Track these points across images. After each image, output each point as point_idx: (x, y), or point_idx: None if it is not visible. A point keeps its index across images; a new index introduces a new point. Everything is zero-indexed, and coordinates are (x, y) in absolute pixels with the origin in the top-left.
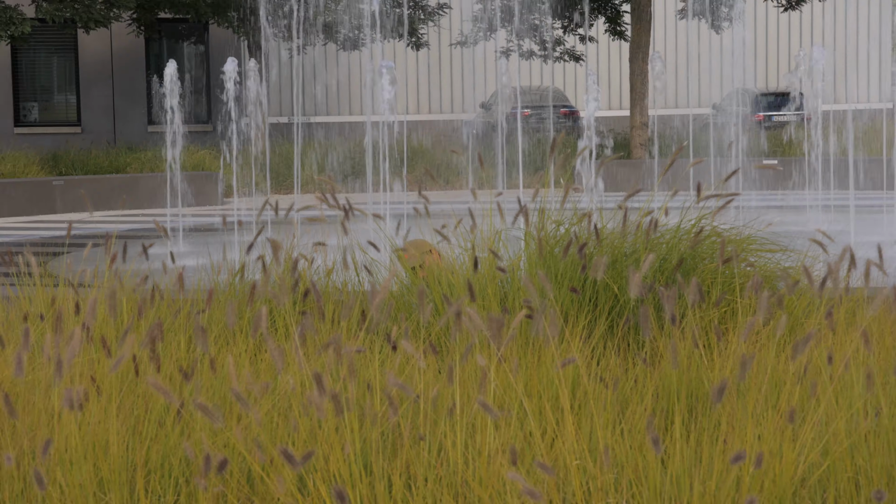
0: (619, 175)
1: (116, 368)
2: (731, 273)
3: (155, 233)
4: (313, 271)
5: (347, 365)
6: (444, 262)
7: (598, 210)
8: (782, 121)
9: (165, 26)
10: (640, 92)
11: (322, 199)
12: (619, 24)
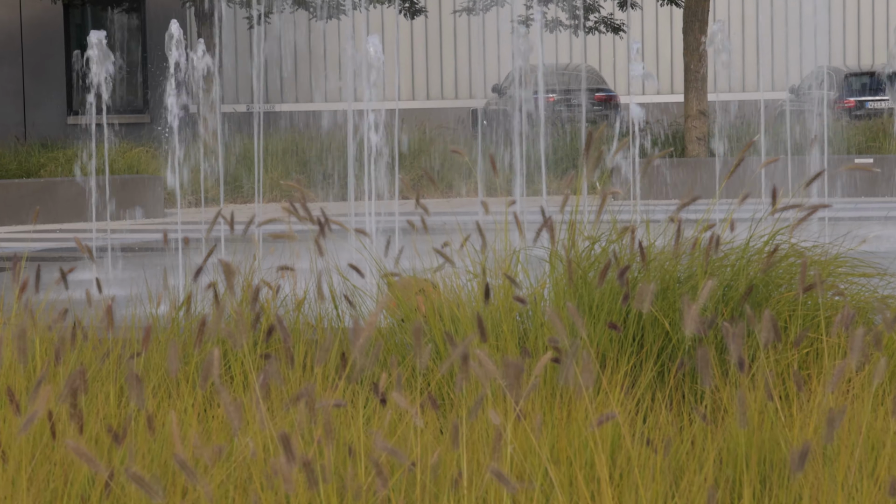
0: (670, 178)
1: (27, 429)
2: (814, 304)
3: (77, 253)
4: (279, 303)
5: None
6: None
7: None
8: (878, 108)
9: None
10: (696, 72)
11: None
12: None
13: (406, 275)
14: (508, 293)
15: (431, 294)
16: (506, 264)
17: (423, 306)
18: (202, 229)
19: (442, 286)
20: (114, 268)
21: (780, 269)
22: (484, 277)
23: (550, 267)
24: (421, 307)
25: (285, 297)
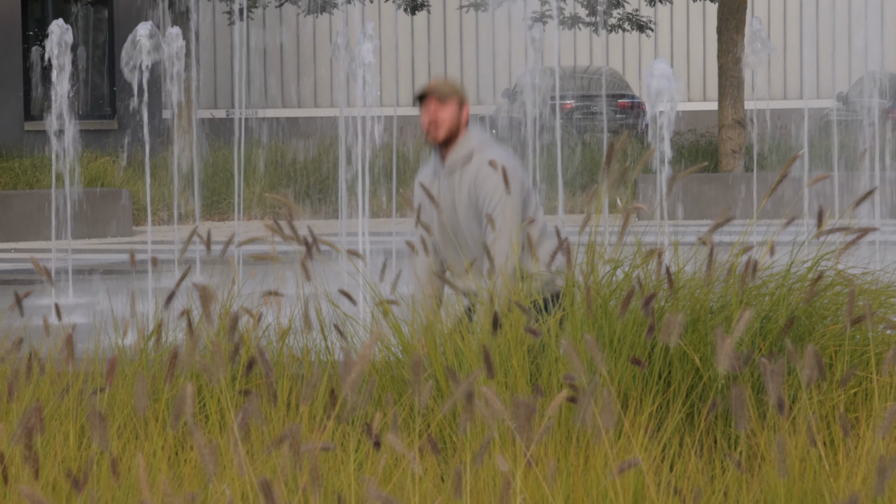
0: (702, 195)
1: None
2: (863, 338)
3: (34, 276)
4: (261, 333)
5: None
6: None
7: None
8: None
9: None
10: (732, 76)
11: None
12: None
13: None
14: (519, 323)
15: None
16: (517, 291)
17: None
18: (175, 249)
19: (444, 315)
20: (75, 292)
21: (826, 298)
22: (492, 305)
23: (567, 294)
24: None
25: (268, 326)
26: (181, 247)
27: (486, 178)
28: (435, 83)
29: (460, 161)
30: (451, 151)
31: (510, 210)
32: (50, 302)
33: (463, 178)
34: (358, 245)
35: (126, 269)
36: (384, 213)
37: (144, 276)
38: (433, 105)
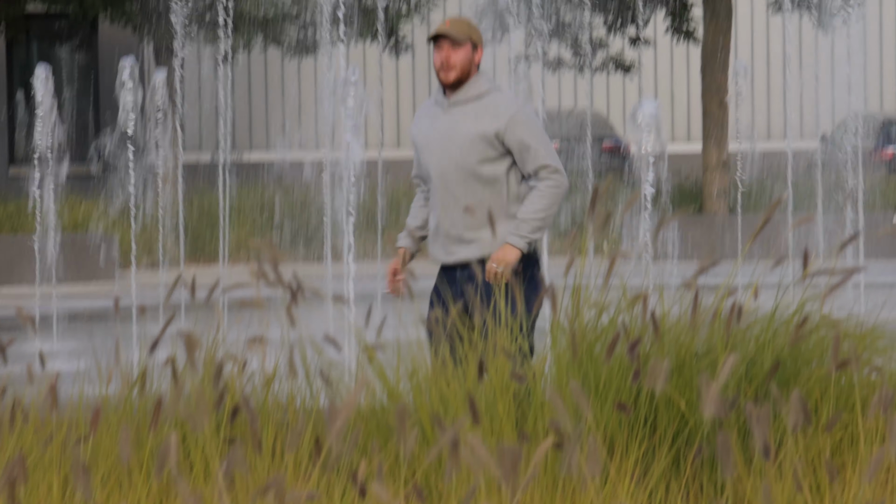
0: (687, 237)
1: None
2: (848, 382)
3: (16, 322)
4: (246, 380)
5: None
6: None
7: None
8: None
9: (36, 24)
10: (717, 118)
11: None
12: (686, 19)
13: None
14: (504, 369)
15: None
16: (501, 336)
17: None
18: (160, 295)
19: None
20: (59, 339)
21: (811, 342)
22: (477, 351)
23: (552, 339)
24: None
25: (253, 373)
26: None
27: (530, 120)
28: (451, 25)
29: (472, 97)
30: (462, 89)
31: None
32: (34, 348)
33: (474, 110)
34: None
35: (110, 315)
36: (370, 257)
37: (129, 323)
38: (447, 47)
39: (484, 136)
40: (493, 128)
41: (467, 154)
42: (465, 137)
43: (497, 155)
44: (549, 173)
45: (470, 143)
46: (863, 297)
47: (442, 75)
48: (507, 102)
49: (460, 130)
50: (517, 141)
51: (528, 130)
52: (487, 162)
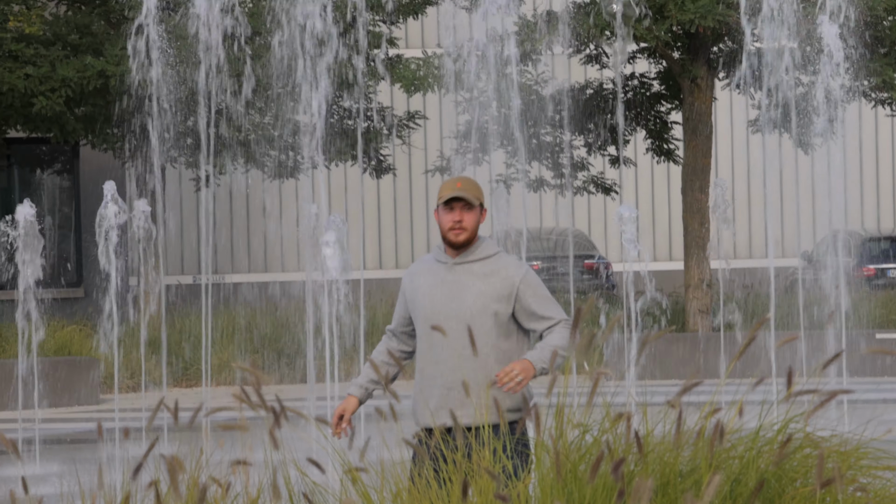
0: (670, 356)
1: None
2: (833, 500)
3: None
4: (229, 502)
5: None
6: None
7: (640, 408)
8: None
9: (18, 149)
10: (697, 236)
11: (241, 397)
12: (666, 140)
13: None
14: (489, 489)
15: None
16: (486, 457)
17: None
18: (143, 417)
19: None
20: (42, 462)
21: (795, 461)
22: (461, 472)
23: (536, 459)
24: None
25: (237, 495)
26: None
27: (539, 284)
28: (463, 186)
29: (480, 258)
30: (470, 249)
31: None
32: (16, 473)
33: (482, 270)
34: (326, 411)
35: (93, 439)
36: (353, 377)
37: (112, 446)
38: (459, 209)
39: (495, 295)
40: (505, 289)
41: (479, 311)
42: (475, 295)
43: (506, 313)
44: (567, 324)
45: (481, 299)
46: (847, 416)
47: (451, 236)
48: (516, 265)
49: (470, 288)
50: (528, 305)
51: (535, 296)
52: (499, 318)
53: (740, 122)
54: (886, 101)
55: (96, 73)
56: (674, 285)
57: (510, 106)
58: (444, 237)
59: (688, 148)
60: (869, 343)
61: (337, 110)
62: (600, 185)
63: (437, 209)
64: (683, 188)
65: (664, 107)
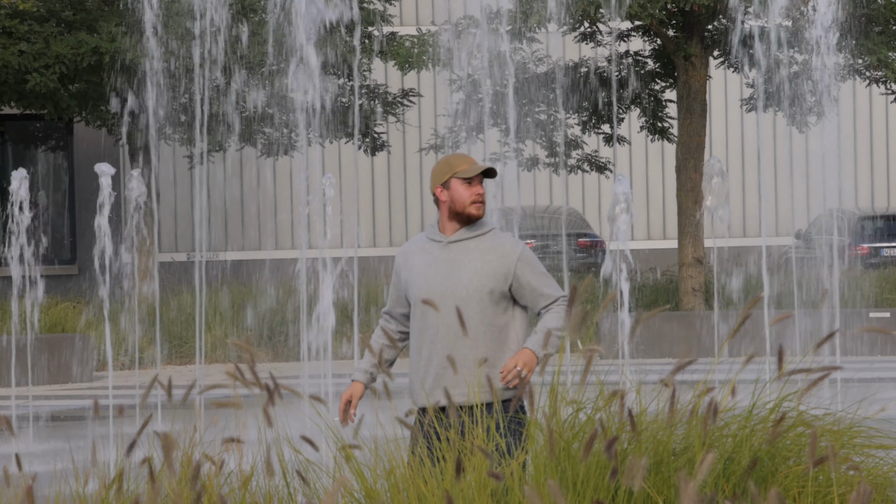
0: (663, 335)
1: None
2: (826, 479)
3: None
4: (223, 480)
5: None
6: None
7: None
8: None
9: (12, 125)
10: (691, 215)
11: (235, 375)
12: (660, 118)
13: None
14: (482, 467)
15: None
16: (480, 435)
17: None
18: (136, 395)
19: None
20: (36, 439)
21: (788, 439)
22: (454, 449)
23: (530, 437)
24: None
25: (230, 472)
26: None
27: (535, 260)
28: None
29: (475, 235)
30: (467, 226)
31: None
32: (10, 450)
33: (477, 247)
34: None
35: (87, 416)
36: (346, 356)
37: (106, 423)
38: (478, 183)
39: (492, 273)
40: (502, 267)
41: (476, 288)
42: (472, 273)
43: (503, 291)
44: (564, 301)
45: (478, 277)
46: (840, 394)
47: (474, 210)
48: (512, 242)
49: (466, 266)
50: (527, 282)
51: (534, 272)
52: (495, 295)
53: (734, 101)
54: (881, 80)
55: (90, 50)
56: (668, 264)
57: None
58: (463, 211)
59: (682, 126)
60: (862, 322)
61: (331, 88)
62: (594, 163)
63: (447, 184)
64: (678, 166)
65: (658, 85)
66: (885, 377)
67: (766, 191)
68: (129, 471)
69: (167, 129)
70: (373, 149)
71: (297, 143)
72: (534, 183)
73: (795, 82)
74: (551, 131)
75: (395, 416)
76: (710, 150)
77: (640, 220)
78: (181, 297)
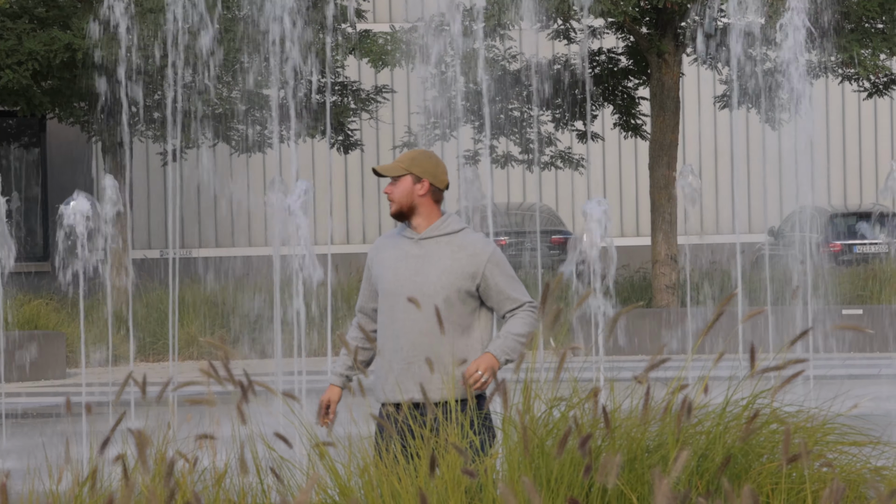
0: (637, 332)
1: None
2: (799, 476)
3: None
4: (197, 477)
5: None
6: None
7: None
8: (868, 252)
9: None
10: (665, 212)
11: (209, 372)
12: (633, 115)
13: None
14: (456, 464)
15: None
16: (453, 432)
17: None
18: (110, 392)
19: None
20: (8, 436)
21: (761, 436)
22: (428, 447)
23: (504, 435)
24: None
25: (204, 469)
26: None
27: (505, 263)
28: (392, 163)
29: (445, 233)
30: (435, 224)
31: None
32: None
33: (448, 245)
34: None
35: (61, 413)
36: (320, 352)
37: (79, 421)
38: (388, 183)
39: (461, 272)
40: (471, 266)
41: (444, 286)
42: (441, 270)
43: (470, 290)
44: (530, 307)
45: (447, 276)
46: (813, 391)
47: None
48: (483, 242)
49: (436, 263)
50: (494, 284)
51: (503, 275)
52: (462, 294)
53: (707, 98)
54: (853, 77)
55: (63, 47)
56: (641, 261)
57: (477, 81)
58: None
59: (655, 123)
60: (835, 319)
61: (304, 85)
62: (568, 159)
63: None
64: (651, 163)
65: (631, 82)
66: (858, 374)
67: (739, 188)
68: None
69: (140, 126)
70: (346, 146)
71: (269, 140)
72: (507, 180)
73: (768, 79)
74: (524, 128)
75: (369, 412)
76: (682, 147)
77: (613, 217)
78: (154, 293)
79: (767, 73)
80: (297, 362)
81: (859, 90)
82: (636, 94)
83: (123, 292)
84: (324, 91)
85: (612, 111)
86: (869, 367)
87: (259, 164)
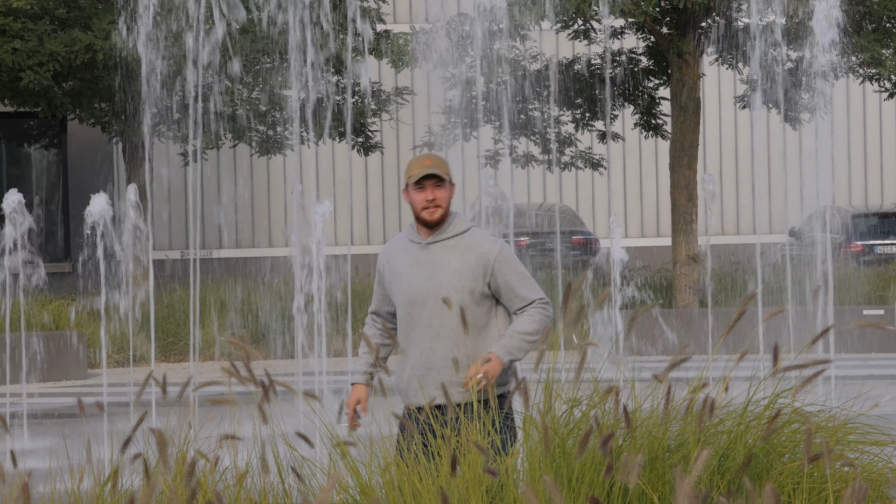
0: (657, 332)
1: None
2: (821, 476)
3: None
4: (218, 476)
5: None
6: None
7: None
8: (889, 253)
9: (5, 123)
10: (685, 212)
11: (230, 371)
12: (654, 115)
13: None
14: (477, 464)
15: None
16: (475, 431)
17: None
18: (131, 392)
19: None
20: (31, 437)
21: (783, 436)
22: (450, 446)
23: (525, 434)
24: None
25: (225, 469)
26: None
27: (514, 260)
28: (433, 163)
29: (453, 234)
30: (443, 227)
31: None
32: (5, 448)
33: (456, 246)
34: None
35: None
36: (341, 353)
37: (100, 421)
38: (431, 186)
39: (471, 273)
40: (480, 266)
41: (456, 290)
42: (451, 274)
43: (483, 291)
44: (540, 304)
45: (458, 279)
46: (834, 391)
47: (426, 215)
48: (490, 241)
49: (446, 267)
50: (504, 282)
51: (513, 271)
52: (476, 296)
53: (728, 98)
54: (874, 78)
55: (84, 48)
56: (662, 261)
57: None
58: (418, 216)
59: (675, 123)
60: (856, 320)
61: (325, 86)
62: (588, 160)
63: (407, 189)
64: (671, 164)
65: (652, 82)
66: (880, 374)
67: (759, 188)
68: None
69: (161, 127)
70: (366, 148)
71: (289, 142)
72: (527, 180)
73: (790, 80)
74: (545, 128)
75: (391, 412)
76: (703, 147)
77: (633, 218)
78: (175, 294)
79: (788, 74)
80: (317, 362)
81: (880, 90)
82: (657, 94)
83: (144, 293)
84: (344, 93)
85: (633, 111)
86: (891, 367)
87: (279, 165)
